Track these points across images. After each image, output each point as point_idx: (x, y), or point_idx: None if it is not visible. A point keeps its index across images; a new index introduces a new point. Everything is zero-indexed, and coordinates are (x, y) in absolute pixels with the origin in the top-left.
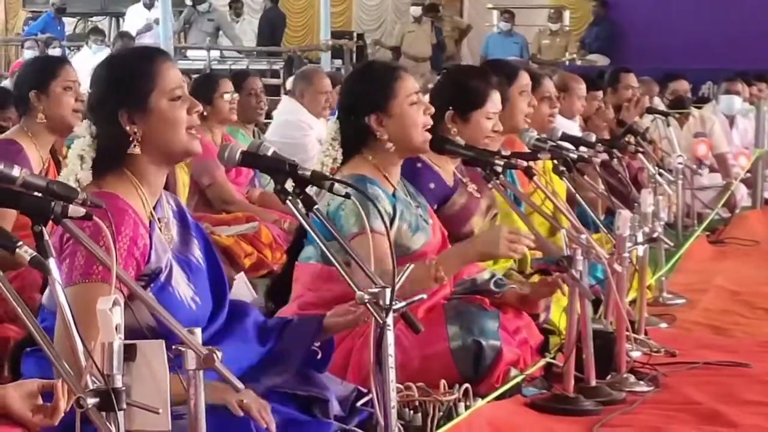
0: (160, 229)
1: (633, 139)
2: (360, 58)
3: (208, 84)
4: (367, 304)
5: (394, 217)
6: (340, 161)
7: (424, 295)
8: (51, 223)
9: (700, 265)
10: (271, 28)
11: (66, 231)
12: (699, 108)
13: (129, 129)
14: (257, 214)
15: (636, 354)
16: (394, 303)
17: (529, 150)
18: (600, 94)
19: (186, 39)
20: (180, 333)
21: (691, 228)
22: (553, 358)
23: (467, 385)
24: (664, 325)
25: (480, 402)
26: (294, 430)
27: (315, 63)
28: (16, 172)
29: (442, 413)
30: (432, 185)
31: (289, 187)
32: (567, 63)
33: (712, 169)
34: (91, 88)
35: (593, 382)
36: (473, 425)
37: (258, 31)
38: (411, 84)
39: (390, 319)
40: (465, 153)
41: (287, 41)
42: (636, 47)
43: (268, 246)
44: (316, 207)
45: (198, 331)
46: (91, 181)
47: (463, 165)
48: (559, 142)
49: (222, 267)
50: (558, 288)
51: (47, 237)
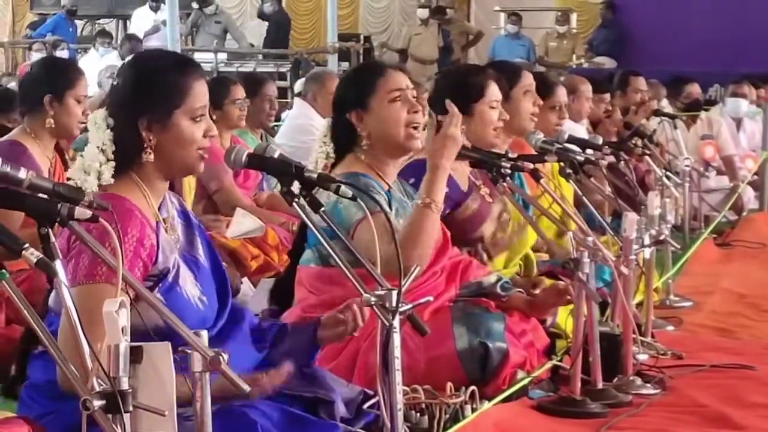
0: (165, 230)
1: (640, 142)
2: (367, 60)
3: (219, 89)
4: (374, 306)
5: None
6: (333, 156)
7: (430, 298)
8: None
9: (706, 268)
10: (277, 30)
11: (73, 233)
12: (706, 110)
13: (145, 136)
14: (265, 217)
15: (642, 357)
16: (400, 305)
17: (536, 152)
18: (607, 96)
19: (194, 42)
20: (186, 335)
21: (698, 230)
22: (560, 360)
23: (474, 388)
24: (670, 328)
25: (486, 404)
26: (301, 430)
27: (322, 65)
28: (22, 174)
29: (448, 415)
30: (446, 189)
31: (296, 190)
32: (574, 66)
33: (719, 172)
34: (117, 81)
35: (600, 384)
36: (480, 427)
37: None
38: (395, 80)
39: (396, 322)
40: (472, 155)
41: (294, 44)
42: (643, 50)
43: (274, 248)
44: (322, 209)
45: (204, 333)
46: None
47: (473, 168)
48: (566, 144)
49: (224, 268)
50: (568, 296)
51: (53, 239)
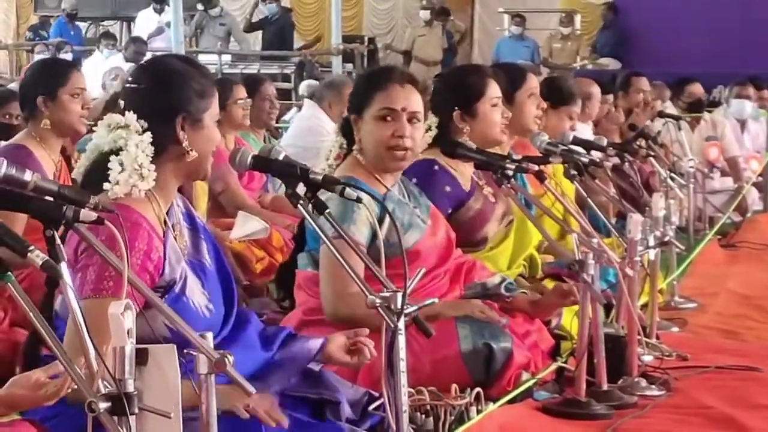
0: (174, 238)
1: (644, 143)
2: (371, 62)
3: (221, 90)
4: (379, 308)
5: (383, 217)
6: (345, 147)
7: (435, 299)
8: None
9: (711, 269)
10: (281, 34)
11: (79, 236)
12: (710, 112)
13: (182, 136)
14: (270, 218)
15: (647, 358)
16: (405, 307)
17: (541, 154)
18: (610, 97)
19: (198, 44)
20: (192, 337)
21: (703, 232)
22: (565, 362)
23: (479, 389)
24: (675, 329)
25: (491, 406)
26: None
27: (326, 67)
28: (27, 176)
29: (453, 417)
30: (448, 188)
31: (301, 192)
32: (578, 67)
33: (723, 173)
34: (140, 84)
35: (605, 386)
36: (485, 429)
37: (266, 38)
38: (393, 98)
39: (401, 324)
40: (476, 156)
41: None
42: (646, 51)
43: (279, 250)
44: (327, 211)
45: (209, 335)
46: (104, 191)
47: (477, 169)
48: (571, 146)
49: (230, 271)
50: (572, 297)
51: (59, 241)
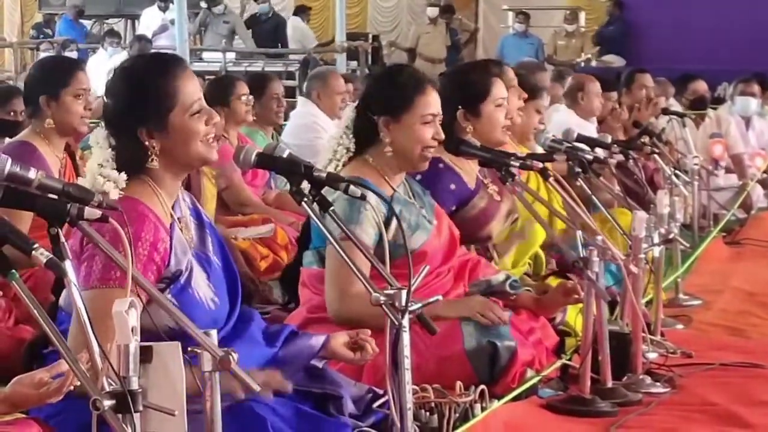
0: (181, 230)
1: (649, 140)
2: (375, 59)
3: (223, 86)
4: (383, 305)
5: (390, 219)
6: (353, 150)
7: (439, 297)
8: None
9: (716, 266)
10: (274, 33)
11: (84, 234)
12: (715, 109)
13: (148, 143)
14: (273, 216)
15: (652, 355)
16: (410, 304)
17: (545, 151)
18: (614, 95)
19: (202, 42)
20: (196, 335)
21: (707, 229)
22: (569, 359)
23: (483, 387)
24: (680, 327)
25: (496, 403)
26: (311, 427)
27: (330, 65)
28: (32, 174)
29: (458, 414)
30: (453, 186)
31: (305, 189)
32: (582, 64)
33: (728, 170)
34: (108, 98)
35: (609, 383)
36: (489, 426)
37: (258, 37)
38: (431, 103)
39: (406, 321)
40: (480, 154)
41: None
42: (651, 48)
43: (283, 248)
44: (331, 208)
45: (214, 333)
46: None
47: (481, 166)
48: (575, 143)
49: (235, 268)
50: (576, 295)
51: (63, 239)
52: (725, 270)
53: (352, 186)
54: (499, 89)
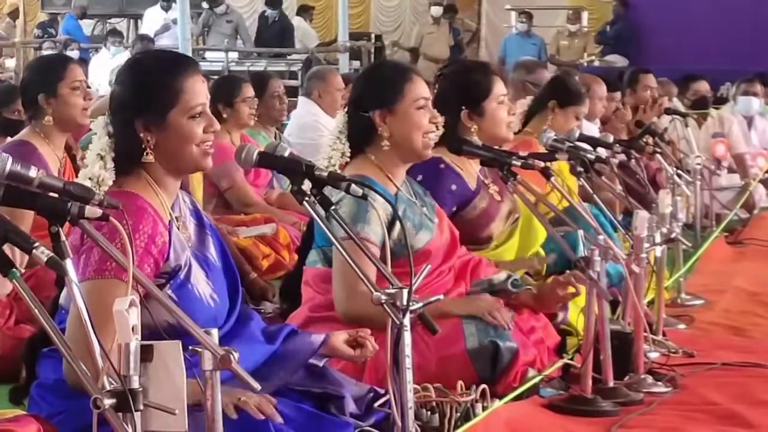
0: (178, 228)
1: (651, 140)
2: (378, 59)
3: (229, 87)
4: (384, 305)
5: (394, 218)
6: (348, 155)
7: (441, 296)
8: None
9: (718, 266)
10: (279, 38)
11: (84, 233)
12: (717, 109)
13: (143, 136)
14: (276, 215)
15: (654, 355)
16: (411, 304)
17: (547, 150)
18: (618, 95)
19: (205, 41)
20: (197, 333)
21: (710, 229)
22: (571, 359)
23: (484, 386)
24: (682, 326)
25: (497, 403)
26: (313, 426)
27: (333, 64)
28: (32, 173)
29: (459, 414)
30: (454, 187)
31: (307, 188)
32: (585, 64)
33: (730, 170)
34: (115, 87)
35: (611, 383)
36: (491, 426)
37: (262, 40)
38: (421, 88)
39: (407, 320)
40: (482, 153)
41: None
42: (654, 48)
43: (285, 247)
44: (333, 208)
45: (215, 332)
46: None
47: (483, 166)
48: (577, 142)
49: (236, 269)
50: (572, 287)
51: (64, 238)
52: (727, 270)
53: (353, 185)
54: (499, 87)
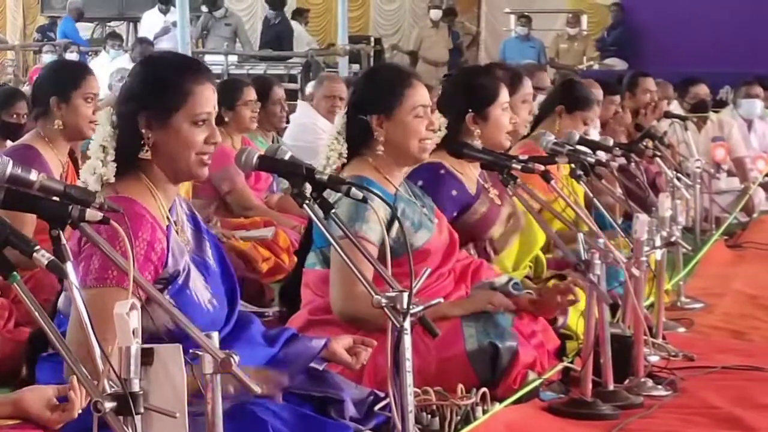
0: (176, 232)
1: (651, 143)
2: (377, 62)
3: (231, 90)
4: (384, 308)
5: (393, 219)
6: (345, 156)
7: (441, 299)
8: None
9: (718, 270)
10: (279, 40)
11: (83, 235)
12: (717, 112)
13: (144, 132)
14: (276, 219)
15: (654, 358)
16: (411, 307)
17: (547, 154)
18: (617, 98)
19: (204, 45)
20: (197, 337)
21: (709, 232)
22: (571, 362)
23: (485, 389)
24: (682, 330)
25: (497, 406)
26: (312, 430)
27: (333, 68)
28: (33, 176)
29: (459, 417)
30: (454, 192)
31: (307, 191)
32: (584, 68)
33: (730, 173)
34: (127, 79)
35: (611, 386)
36: (491, 429)
37: (265, 41)
38: (421, 95)
39: (407, 323)
40: (483, 157)
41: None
42: (654, 51)
43: (285, 251)
44: (333, 211)
45: (215, 335)
46: (108, 185)
47: (483, 170)
48: (577, 146)
49: (234, 274)
50: (572, 295)
51: (64, 241)
52: (727, 273)
53: (353, 188)
54: (505, 94)
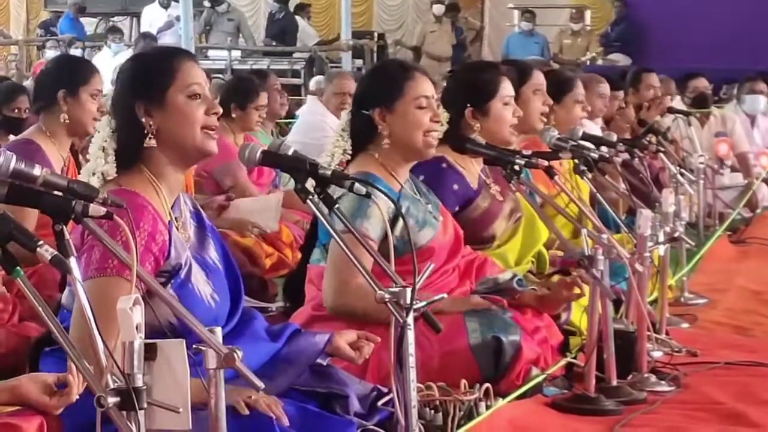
0: (177, 228)
1: (654, 139)
2: (381, 58)
3: (246, 91)
4: (388, 303)
5: (397, 215)
6: (350, 152)
7: (444, 295)
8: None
9: (721, 265)
10: (283, 35)
11: (86, 229)
12: (720, 107)
13: (145, 121)
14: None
15: (657, 354)
16: (414, 302)
17: (550, 150)
18: (621, 94)
19: (207, 40)
20: (200, 332)
21: (713, 228)
22: (574, 357)
23: (488, 385)
24: (685, 325)
25: (501, 401)
26: (316, 426)
27: (336, 63)
28: (37, 171)
29: (462, 413)
30: (456, 186)
31: (310, 187)
32: (588, 63)
33: (733, 169)
34: (116, 82)
35: (614, 381)
36: (494, 425)
37: (269, 35)
38: (423, 87)
39: (410, 319)
40: (486, 152)
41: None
42: (657, 47)
43: (288, 246)
44: (336, 206)
45: (218, 330)
46: (111, 179)
47: (485, 165)
48: (580, 141)
49: (238, 271)
50: (578, 288)
51: (68, 236)
52: (730, 269)
53: (357, 184)
54: (507, 88)
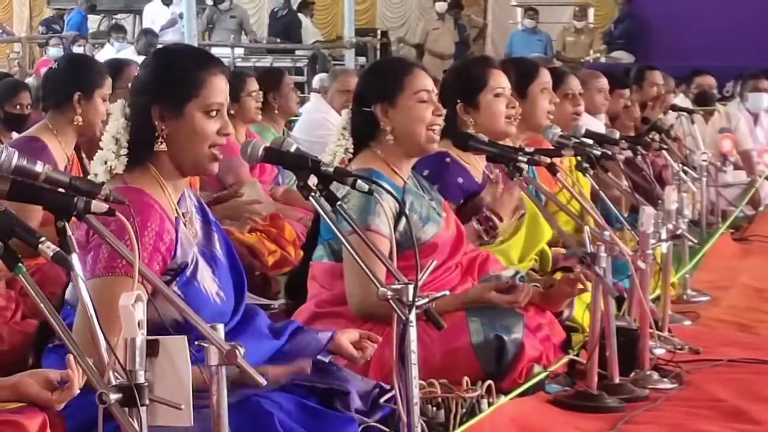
0: (184, 224)
1: (657, 136)
2: (384, 55)
3: (234, 82)
4: (390, 300)
5: (401, 211)
6: (351, 151)
7: (446, 292)
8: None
9: (724, 263)
10: (286, 32)
11: (89, 227)
12: (723, 105)
13: (158, 125)
14: (281, 211)
15: (659, 351)
16: (417, 299)
17: (553, 147)
18: (627, 92)
19: (210, 38)
20: (203, 328)
21: (715, 225)
22: (577, 355)
23: (490, 382)
24: (687, 323)
25: (503, 399)
26: (318, 422)
27: (339, 60)
28: (39, 167)
29: (464, 410)
30: (460, 180)
31: (312, 184)
32: (591, 60)
33: (736, 167)
34: (139, 71)
35: (617, 379)
36: (496, 422)
37: (272, 32)
38: (422, 81)
39: (413, 316)
40: (488, 149)
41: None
42: (661, 44)
43: (291, 243)
44: (339, 203)
45: (221, 327)
46: (117, 176)
47: (488, 162)
48: (583, 139)
49: (242, 267)
50: (581, 284)
51: (70, 233)
52: (733, 266)
53: (359, 181)
54: (497, 79)
